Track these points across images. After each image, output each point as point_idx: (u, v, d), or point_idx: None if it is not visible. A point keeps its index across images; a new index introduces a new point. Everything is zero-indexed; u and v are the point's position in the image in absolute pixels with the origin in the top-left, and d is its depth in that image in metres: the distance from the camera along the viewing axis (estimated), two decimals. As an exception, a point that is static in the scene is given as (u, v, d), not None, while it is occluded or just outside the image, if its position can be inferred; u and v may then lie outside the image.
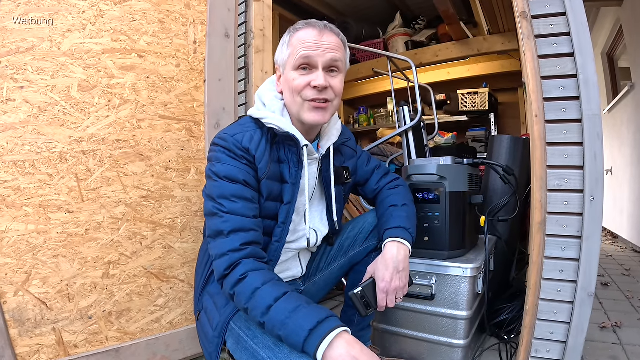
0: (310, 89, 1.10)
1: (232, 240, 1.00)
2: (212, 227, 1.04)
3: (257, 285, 0.94)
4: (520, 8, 1.34)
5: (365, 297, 1.16)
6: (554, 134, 1.26)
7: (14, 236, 1.29)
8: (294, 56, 1.11)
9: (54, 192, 1.35)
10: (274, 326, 0.90)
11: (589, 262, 1.20)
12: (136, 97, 1.52)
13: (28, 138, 1.32)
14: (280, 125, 1.12)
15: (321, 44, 1.10)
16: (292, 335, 0.87)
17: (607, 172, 4.95)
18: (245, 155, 1.08)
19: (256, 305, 0.92)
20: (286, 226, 1.17)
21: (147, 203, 1.55)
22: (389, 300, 1.16)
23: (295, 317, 0.88)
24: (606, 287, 2.66)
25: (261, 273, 0.97)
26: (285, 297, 0.92)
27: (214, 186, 1.07)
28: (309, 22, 1.14)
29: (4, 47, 1.29)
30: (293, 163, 1.17)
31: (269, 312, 0.90)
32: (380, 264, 1.18)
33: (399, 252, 1.18)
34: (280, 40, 1.18)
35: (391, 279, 1.15)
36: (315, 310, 0.89)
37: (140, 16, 1.55)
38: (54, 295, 1.35)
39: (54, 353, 1.35)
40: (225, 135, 1.10)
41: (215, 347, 1.11)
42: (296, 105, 1.13)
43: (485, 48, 3.51)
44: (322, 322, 0.86)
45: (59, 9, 1.38)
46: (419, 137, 2.20)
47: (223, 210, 1.03)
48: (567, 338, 1.23)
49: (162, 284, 1.58)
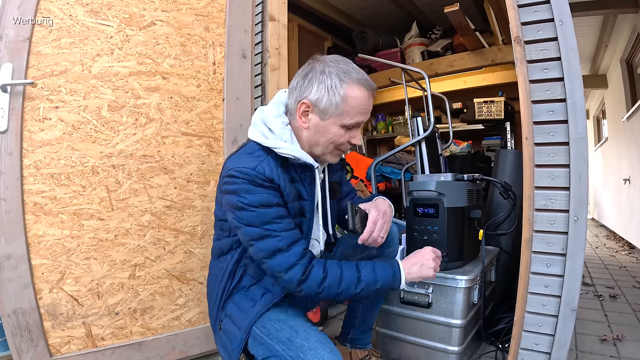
0: (347, 144, 1.23)
1: (295, 251, 1.13)
2: (267, 248, 1.12)
3: (338, 272, 1.15)
4: (514, 33, 1.40)
5: (359, 214, 1.24)
6: (542, 156, 1.34)
7: (50, 240, 1.44)
8: (348, 117, 1.17)
9: (86, 201, 1.50)
10: (370, 286, 1.17)
11: (573, 279, 1.27)
12: (160, 115, 1.66)
13: (63, 153, 1.47)
14: (296, 155, 1.18)
15: (369, 110, 1.22)
16: (386, 283, 1.19)
17: (625, 181, 4.88)
18: (270, 184, 1.14)
19: (349, 284, 1.15)
20: (307, 239, 1.30)
21: (171, 212, 1.68)
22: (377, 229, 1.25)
23: (378, 274, 1.18)
24: (614, 300, 2.63)
25: (330, 263, 1.17)
26: (360, 267, 1.18)
27: (252, 216, 1.12)
28: (364, 80, 1.18)
29: (39, 70, 1.44)
30: (307, 183, 1.28)
31: (360, 282, 1.16)
32: (372, 204, 1.32)
33: (383, 203, 1.35)
34: (322, 78, 1.16)
35: (383, 215, 1.28)
36: (383, 263, 1.23)
37: (163, 40, 1.68)
38: (85, 293, 1.50)
39: (82, 344, 1.50)
40: (246, 170, 1.12)
41: (238, 344, 1.21)
42: (322, 148, 1.24)
43: (500, 58, 3.55)
44: (392, 265, 1.22)
45: (88, 34, 1.52)
46: (433, 146, 2.26)
47: (274, 232, 1.12)
48: (551, 350, 1.30)
49: (183, 285, 1.72)
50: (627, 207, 4.91)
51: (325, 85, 1.15)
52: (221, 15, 1.84)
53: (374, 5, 4.08)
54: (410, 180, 1.84)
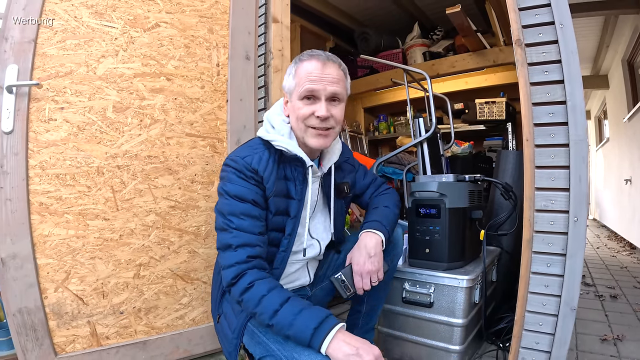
0: (313, 118, 1.23)
1: (240, 253, 1.13)
2: (222, 240, 1.17)
3: (263, 293, 1.07)
4: (515, 36, 1.42)
5: (345, 281, 1.31)
6: (542, 158, 1.35)
7: (55, 240, 1.46)
8: (299, 87, 1.23)
9: (92, 201, 1.52)
10: (282, 327, 1.04)
11: (572, 279, 1.29)
12: (165, 117, 1.68)
13: (69, 154, 1.48)
14: (288, 147, 1.24)
15: (324, 77, 1.22)
16: (299, 334, 1.02)
17: (626, 181, 4.89)
18: (254, 176, 1.20)
19: (264, 310, 1.06)
20: (292, 238, 1.30)
21: (175, 212, 1.70)
22: (364, 283, 1.30)
23: (300, 319, 1.02)
24: (615, 300, 2.65)
25: (266, 281, 1.11)
26: (289, 302, 1.06)
27: (225, 204, 1.19)
28: (313, 54, 1.25)
29: (45, 72, 1.45)
30: (299, 181, 1.29)
31: (276, 316, 1.04)
32: (355, 250, 1.34)
33: (371, 240, 1.33)
34: (287, 68, 1.30)
35: (364, 263, 1.29)
36: (316, 311, 1.04)
37: (168, 42, 1.70)
38: (90, 292, 1.51)
39: (87, 343, 1.51)
40: (236, 157, 1.21)
41: (234, 347, 1.26)
42: (300, 131, 1.26)
43: (501, 59, 3.54)
44: (323, 321, 1.02)
45: (93, 36, 1.53)
46: (434, 147, 2.27)
47: (232, 227, 1.16)
48: (551, 348, 1.32)
49: (187, 285, 1.74)
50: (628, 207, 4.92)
51: (288, 71, 1.30)
52: (225, 17, 1.86)
53: (376, 6, 4.09)
54: (412, 180, 1.85)
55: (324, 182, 1.40)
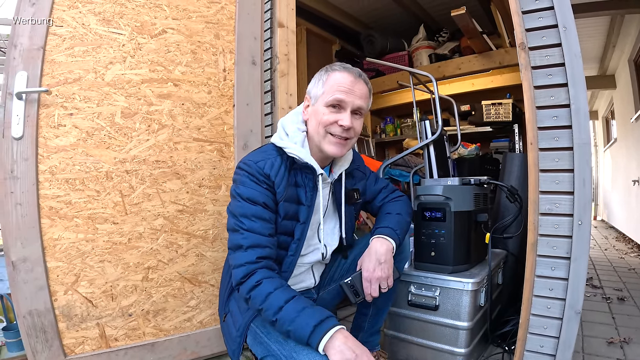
0: (336, 126, 1.27)
1: (250, 254, 1.17)
2: (233, 241, 1.21)
3: (270, 290, 1.11)
4: (519, 39, 1.42)
5: (354, 286, 1.33)
6: (546, 161, 1.35)
7: (65, 243, 1.48)
8: (327, 95, 1.27)
9: (101, 206, 1.54)
10: (284, 323, 1.07)
11: (577, 282, 1.29)
12: (173, 122, 1.70)
13: (78, 159, 1.51)
14: (300, 155, 1.27)
15: (354, 91, 1.26)
16: (299, 330, 1.05)
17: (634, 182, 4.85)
18: (266, 180, 1.24)
19: (269, 306, 1.10)
20: (301, 242, 1.33)
21: (183, 216, 1.72)
22: (373, 289, 1.31)
23: (302, 316, 1.06)
24: (622, 302, 2.62)
25: (273, 280, 1.14)
26: (293, 300, 1.10)
27: (237, 206, 1.22)
28: (345, 66, 1.30)
29: (54, 78, 1.48)
30: (309, 188, 1.32)
31: (280, 311, 1.08)
32: (365, 256, 1.36)
33: (381, 246, 1.34)
34: (316, 75, 1.34)
35: (374, 269, 1.31)
36: (318, 311, 1.08)
37: (175, 48, 1.72)
38: (99, 295, 1.54)
39: (96, 345, 1.54)
40: (250, 162, 1.25)
41: (237, 345, 1.29)
42: (319, 135, 1.29)
43: (507, 60, 3.55)
44: (324, 320, 1.06)
45: (101, 42, 1.56)
46: (441, 149, 2.27)
47: (243, 228, 1.19)
48: (555, 352, 1.32)
49: (195, 288, 1.76)
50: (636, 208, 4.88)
51: (316, 77, 1.33)
52: (231, 23, 1.88)
53: (381, 9, 4.10)
54: (418, 183, 1.86)
55: (334, 188, 1.43)
